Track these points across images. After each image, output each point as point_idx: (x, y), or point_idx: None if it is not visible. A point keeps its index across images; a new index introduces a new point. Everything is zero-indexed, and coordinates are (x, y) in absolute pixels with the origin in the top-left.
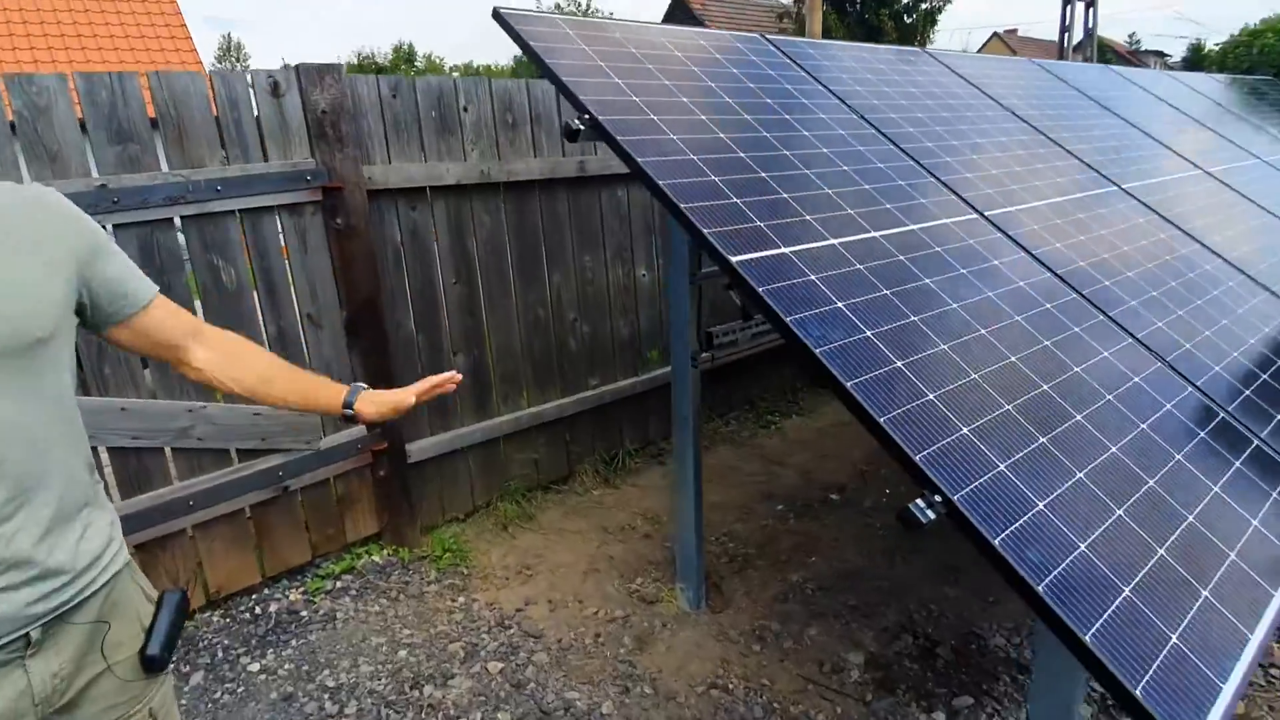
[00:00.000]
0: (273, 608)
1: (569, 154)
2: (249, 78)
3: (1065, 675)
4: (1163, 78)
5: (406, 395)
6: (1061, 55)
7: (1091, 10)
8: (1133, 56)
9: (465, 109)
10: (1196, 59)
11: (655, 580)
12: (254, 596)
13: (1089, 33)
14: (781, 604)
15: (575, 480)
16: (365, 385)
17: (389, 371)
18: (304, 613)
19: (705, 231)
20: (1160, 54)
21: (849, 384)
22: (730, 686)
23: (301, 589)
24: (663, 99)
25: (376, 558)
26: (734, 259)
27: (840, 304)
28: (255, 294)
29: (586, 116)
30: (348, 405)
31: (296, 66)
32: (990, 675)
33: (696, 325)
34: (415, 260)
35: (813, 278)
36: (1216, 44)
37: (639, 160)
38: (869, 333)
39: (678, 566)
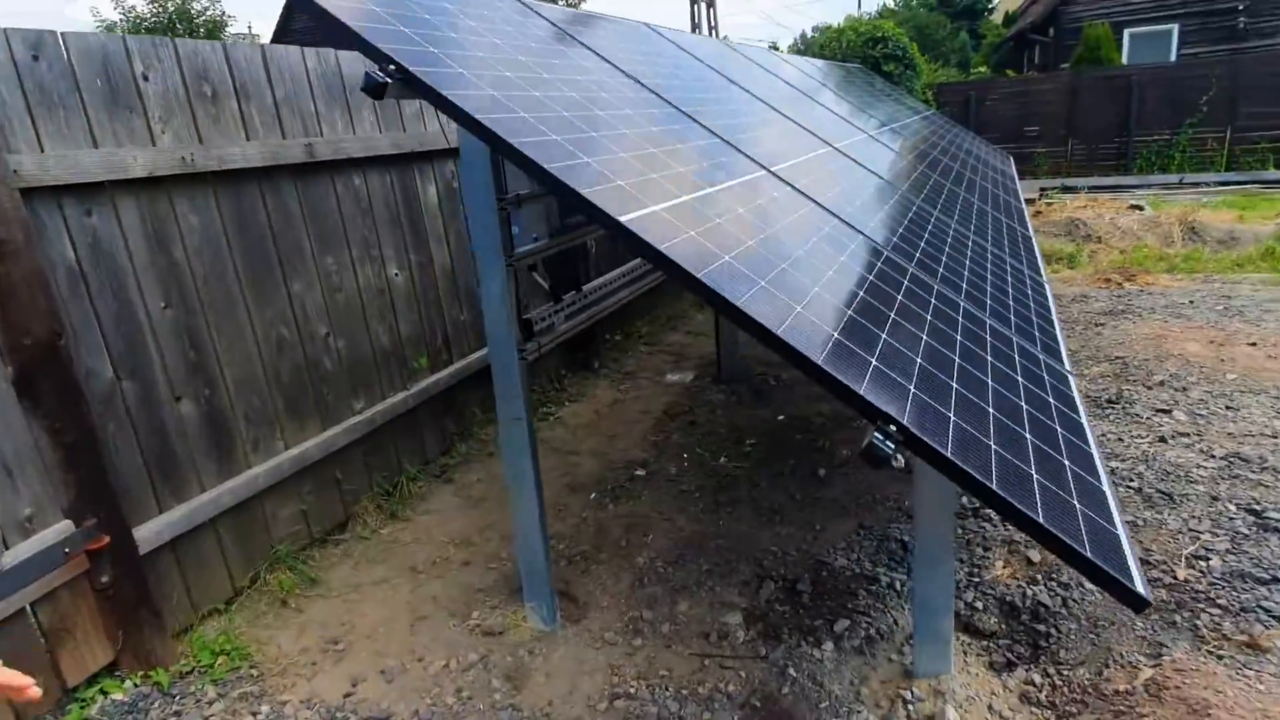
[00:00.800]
0: None
1: (291, 135)
2: None
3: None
4: (807, 62)
5: None
6: None
7: (711, 10)
8: None
9: (145, 78)
10: None
11: (494, 608)
12: None
13: (712, 30)
14: (641, 590)
15: (356, 523)
16: None
17: (93, 437)
18: None
19: (583, 192)
20: None
21: (778, 330)
22: (632, 690)
23: None
24: (459, 52)
25: (119, 694)
26: (623, 219)
27: (727, 257)
28: None
29: (393, 67)
30: None
31: None
32: (849, 594)
33: (517, 313)
34: (103, 282)
35: (692, 233)
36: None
37: (465, 108)
38: (762, 282)
39: (524, 585)
